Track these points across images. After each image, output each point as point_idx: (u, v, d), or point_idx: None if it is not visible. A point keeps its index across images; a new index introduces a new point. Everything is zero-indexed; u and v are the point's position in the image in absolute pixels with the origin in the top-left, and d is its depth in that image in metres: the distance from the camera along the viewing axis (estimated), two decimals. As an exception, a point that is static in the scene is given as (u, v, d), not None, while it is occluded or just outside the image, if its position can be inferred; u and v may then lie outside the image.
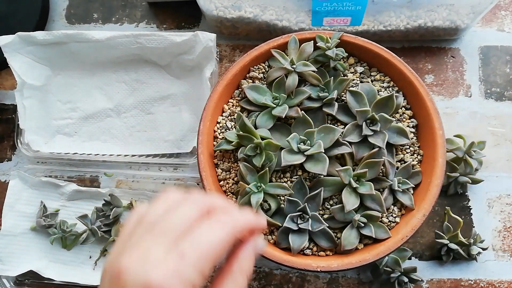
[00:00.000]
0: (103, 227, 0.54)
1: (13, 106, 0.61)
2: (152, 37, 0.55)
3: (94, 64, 0.59)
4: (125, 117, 0.59)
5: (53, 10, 0.65)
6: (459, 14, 0.53)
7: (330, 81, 0.45)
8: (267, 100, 0.45)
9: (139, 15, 0.64)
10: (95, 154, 0.58)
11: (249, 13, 0.55)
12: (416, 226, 0.41)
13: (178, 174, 0.57)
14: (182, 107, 0.58)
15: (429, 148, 0.44)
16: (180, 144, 0.57)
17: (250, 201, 0.41)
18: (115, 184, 0.57)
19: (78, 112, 0.60)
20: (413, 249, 0.52)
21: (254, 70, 0.48)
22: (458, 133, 0.53)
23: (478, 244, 0.51)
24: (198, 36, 0.53)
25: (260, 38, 0.57)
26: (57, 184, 0.56)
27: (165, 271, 0.24)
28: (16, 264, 0.54)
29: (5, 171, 0.60)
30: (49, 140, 0.59)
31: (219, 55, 0.60)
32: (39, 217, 0.55)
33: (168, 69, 0.59)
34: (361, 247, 0.43)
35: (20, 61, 0.56)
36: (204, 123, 0.45)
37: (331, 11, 0.51)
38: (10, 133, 0.61)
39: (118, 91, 0.60)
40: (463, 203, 0.54)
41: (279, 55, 0.46)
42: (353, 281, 0.53)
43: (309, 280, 0.53)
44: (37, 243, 0.55)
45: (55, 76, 0.60)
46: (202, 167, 0.44)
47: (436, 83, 0.58)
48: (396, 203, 0.44)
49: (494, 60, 0.58)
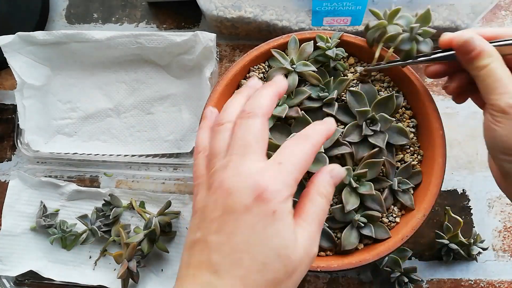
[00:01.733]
0: (103, 227, 0.54)
1: (13, 106, 0.61)
2: (152, 37, 0.55)
3: (94, 64, 0.59)
4: (125, 117, 0.59)
5: (53, 10, 0.65)
6: (459, 14, 0.53)
7: (330, 81, 0.45)
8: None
9: (139, 15, 0.64)
10: (95, 154, 0.58)
11: (249, 13, 0.54)
12: (416, 226, 0.41)
13: (178, 174, 0.57)
14: (182, 107, 0.58)
15: (429, 148, 0.44)
16: (180, 144, 0.57)
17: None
18: (115, 184, 0.57)
19: (78, 112, 0.60)
20: (413, 249, 0.52)
21: (254, 70, 0.48)
22: (459, 132, 0.53)
23: (478, 244, 0.51)
24: (198, 36, 0.53)
25: (260, 38, 0.56)
26: (57, 184, 0.56)
27: (269, 175, 0.28)
28: (16, 264, 0.54)
29: (5, 171, 0.60)
30: (49, 140, 0.59)
31: (219, 55, 0.60)
32: (39, 217, 0.55)
33: (168, 69, 0.59)
34: (361, 247, 0.43)
35: (20, 61, 0.56)
36: (204, 123, 0.45)
37: (331, 11, 0.51)
38: (10, 133, 0.61)
39: (118, 91, 0.60)
40: (463, 203, 0.54)
41: (279, 55, 0.46)
42: (353, 281, 0.53)
43: (309, 280, 0.53)
44: (37, 243, 0.55)
45: (55, 76, 0.60)
46: (202, 167, 0.44)
47: (436, 83, 0.58)
48: (396, 203, 0.44)
49: (494, 60, 0.58)
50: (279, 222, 0.27)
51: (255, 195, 0.27)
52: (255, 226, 0.27)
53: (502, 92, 0.33)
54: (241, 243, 0.27)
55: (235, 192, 0.28)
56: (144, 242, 0.51)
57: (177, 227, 0.54)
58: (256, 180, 0.27)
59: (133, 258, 0.50)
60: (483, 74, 0.35)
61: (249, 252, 0.27)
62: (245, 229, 0.27)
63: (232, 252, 0.27)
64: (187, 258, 0.29)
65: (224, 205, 0.28)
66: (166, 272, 0.53)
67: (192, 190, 0.33)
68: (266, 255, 0.27)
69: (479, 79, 0.35)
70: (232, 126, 0.31)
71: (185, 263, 0.29)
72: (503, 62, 0.35)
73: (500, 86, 0.33)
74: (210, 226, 0.28)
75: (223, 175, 0.29)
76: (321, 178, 0.32)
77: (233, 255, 0.27)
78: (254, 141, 0.30)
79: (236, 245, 0.27)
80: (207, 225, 0.28)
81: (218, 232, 0.28)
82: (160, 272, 0.53)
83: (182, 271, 0.29)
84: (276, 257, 0.27)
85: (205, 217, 0.29)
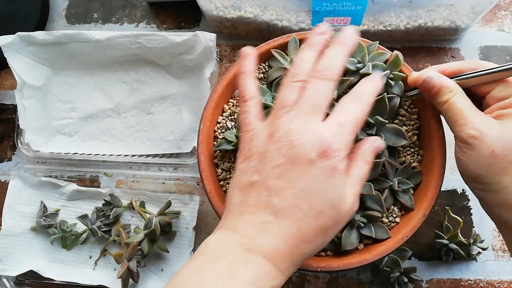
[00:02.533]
0: (103, 227, 0.54)
1: (13, 106, 0.61)
2: (152, 37, 0.55)
3: (94, 64, 0.59)
4: (125, 117, 0.59)
5: (53, 10, 0.65)
6: (459, 14, 0.53)
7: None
8: (267, 100, 0.45)
9: (139, 15, 0.64)
10: (95, 154, 0.58)
11: (249, 13, 0.54)
12: (416, 226, 0.41)
13: (178, 174, 0.57)
14: (182, 107, 0.58)
15: (429, 148, 0.44)
16: (180, 144, 0.57)
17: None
18: (115, 184, 0.57)
19: (78, 112, 0.60)
20: (413, 249, 0.52)
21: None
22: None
23: (478, 244, 0.51)
24: (198, 36, 0.53)
25: (260, 38, 0.57)
26: (57, 184, 0.56)
27: (333, 134, 0.31)
28: (16, 264, 0.54)
29: (5, 171, 0.60)
30: (49, 140, 0.59)
31: (219, 55, 0.60)
32: (39, 217, 0.55)
33: (168, 69, 0.59)
34: (361, 247, 0.43)
35: (20, 61, 0.56)
36: (204, 123, 0.45)
37: (331, 11, 0.51)
38: (10, 133, 0.61)
39: (118, 91, 0.60)
40: (463, 203, 0.54)
41: (279, 55, 0.46)
42: (353, 281, 0.53)
43: (309, 280, 0.53)
44: (37, 243, 0.55)
45: (55, 76, 0.60)
46: (202, 167, 0.44)
47: (436, 83, 0.58)
48: (396, 203, 0.44)
49: (494, 60, 0.58)
50: (337, 178, 0.31)
51: (320, 151, 0.30)
52: (316, 178, 0.30)
53: (463, 124, 0.35)
54: (301, 191, 0.30)
55: (301, 144, 0.30)
56: (144, 242, 0.51)
57: (177, 227, 0.54)
58: (321, 137, 0.30)
59: (133, 258, 0.50)
60: (445, 108, 0.37)
61: (308, 200, 0.30)
62: (308, 180, 0.30)
63: (292, 198, 0.30)
64: (243, 197, 0.32)
65: (288, 155, 0.31)
66: (166, 272, 0.53)
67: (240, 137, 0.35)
68: (323, 204, 0.30)
69: (443, 113, 0.38)
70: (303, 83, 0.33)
71: (240, 202, 0.32)
72: (464, 95, 0.37)
73: (461, 118, 0.36)
74: (271, 172, 0.31)
75: (289, 126, 0.31)
76: (366, 146, 0.35)
77: (293, 200, 0.30)
78: (323, 102, 0.32)
79: (297, 192, 0.30)
80: (268, 171, 0.31)
81: (279, 178, 0.30)
82: (160, 272, 0.53)
83: (237, 207, 0.32)
84: (330, 207, 0.31)
85: (265, 162, 0.31)
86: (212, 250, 0.31)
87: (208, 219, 0.56)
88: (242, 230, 0.31)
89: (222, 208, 0.43)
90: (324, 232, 0.31)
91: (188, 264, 0.31)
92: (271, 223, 0.30)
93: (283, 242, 0.30)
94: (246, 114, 0.35)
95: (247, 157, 0.33)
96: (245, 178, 0.32)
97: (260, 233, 0.30)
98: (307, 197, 0.30)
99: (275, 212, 0.30)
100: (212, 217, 0.56)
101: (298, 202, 0.30)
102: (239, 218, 0.31)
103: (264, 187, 0.31)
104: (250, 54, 0.38)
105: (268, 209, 0.30)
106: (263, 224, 0.30)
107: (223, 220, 0.33)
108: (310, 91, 0.32)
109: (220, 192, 0.45)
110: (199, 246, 0.32)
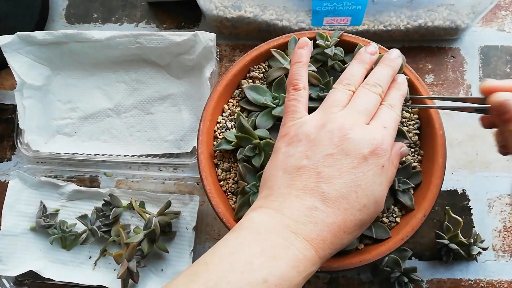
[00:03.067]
0: (103, 227, 0.54)
1: (13, 106, 0.61)
2: (152, 37, 0.55)
3: (94, 64, 0.59)
4: (125, 117, 0.59)
5: (53, 10, 0.65)
6: (459, 14, 0.53)
7: (330, 81, 0.45)
8: (267, 100, 0.45)
9: (139, 15, 0.64)
10: (95, 154, 0.58)
11: (249, 13, 0.54)
12: (416, 226, 0.41)
13: (178, 174, 0.57)
14: (182, 107, 0.58)
15: (429, 148, 0.44)
16: (180, 144, 0.57)
17: (249, 200, 0.41)
18: (115, 184, 0.57)
19: (78, 112, 0.60)
20: (413, 249, 0.52)
21: (254, 70, 0.48)
22: (459, 132, 0.53)
23: (478, 244, 0.51)
24: (198, 36, 0.53)
25: (260, 38, 0.56)
26: (57, 184, 0.56)
27: (381, 136, 0.33)
28: (16, 264, 0.54)
29: (5, 171, 0.60)
30: (49, 140, 0.59)
31: (219, 55, 0.60)
32: (38, 217, 0.55)
33: (168, 69, 0.59)
34: (361, 247, 0.43)
35: (20, 61, 0.56)
36: (204, 123, 0.45)
37: (331, 11, 0.51)
38: (10, 133, 0.61)
39: (118, 91, 0.60)
40: (463, 203, 0.54)
41: (279, 55, 0.46)
42: (353, 281, 0.53)
43: (309, 280, 0.53)
44: (37, 243, 0.55)
45: (55, 76, 0.60)
46: (202, 167, 0.44)
47: (436, 83, 0.58)
48: (396, 203, 0.44)
49: (494, 60, 0.58)
50: (384, 176, 0.33)
51: (371, 148, 0.32)
52: (367, 173, 0.32)
53: None
54: (351, 182, 0.32)
55: (354, 139, 0.32)
56: (144, 242, 0.51)
57: (177, 227, 0.54)
58: (373, 137, 0.33)
59: (133, 258, 0.50)
60: None
61: (356, 192, 0.32)
62: (358, 173, 0.32)
63: (341, 187, 0.31)
64: (289, 180, 0.33)
65: (341, 146, 0.32)
66: (166, 272, 0.53)
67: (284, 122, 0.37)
68: (369, 199, 0.32)
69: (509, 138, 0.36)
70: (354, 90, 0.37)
71: (286, 184, 0.33)
72: None
73: None
74: (322, 159, 0.32)
75: (343, 121, 0.34)
76: (394, 151, 0.37)
77: (342, 190, 0.31)
78: (372, 109, 0.35)
79: (348, 182, 0.32)
80: (319, 158, 0.32)
81: (331, 167, 0.32)
82: (160, 272, 0.53)
83: (282, 189, 0.33)
84: (374, 202, 0.33)
85: (316, 148, 0.33)
86: (256, 228, 0.31)
87: (208, 219, 0.56)
88: (287, 212, 0.31)
89: (222, 208, 0.43)
90: (361, 226, 0.33)
91: (229, 236, 0.31)
92: (318, 209, 0.31)
93: (328, 230, 0.31)
94: (295, 102, 0.37)
95: (292, 141, 0.34)
96: (292, 161, 0.33)
97: (307, 218, 0.31)
98: (356, 189, 0.32)
99: (323, 199, 0.31)
100: (212, 217, 0.56)
101: (346, 192, 0.31)
102: (284, 199, 0.32)
103: (315, 172, 0.32)
104: (308, 45, 0.41)
105: (316, 195, 0.31)
106: (310, 210, 0.31)
107: (264, 199, 0.33)
108: (362, 98, 0.36)
109: (220, 192, 0.45)
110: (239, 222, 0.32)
